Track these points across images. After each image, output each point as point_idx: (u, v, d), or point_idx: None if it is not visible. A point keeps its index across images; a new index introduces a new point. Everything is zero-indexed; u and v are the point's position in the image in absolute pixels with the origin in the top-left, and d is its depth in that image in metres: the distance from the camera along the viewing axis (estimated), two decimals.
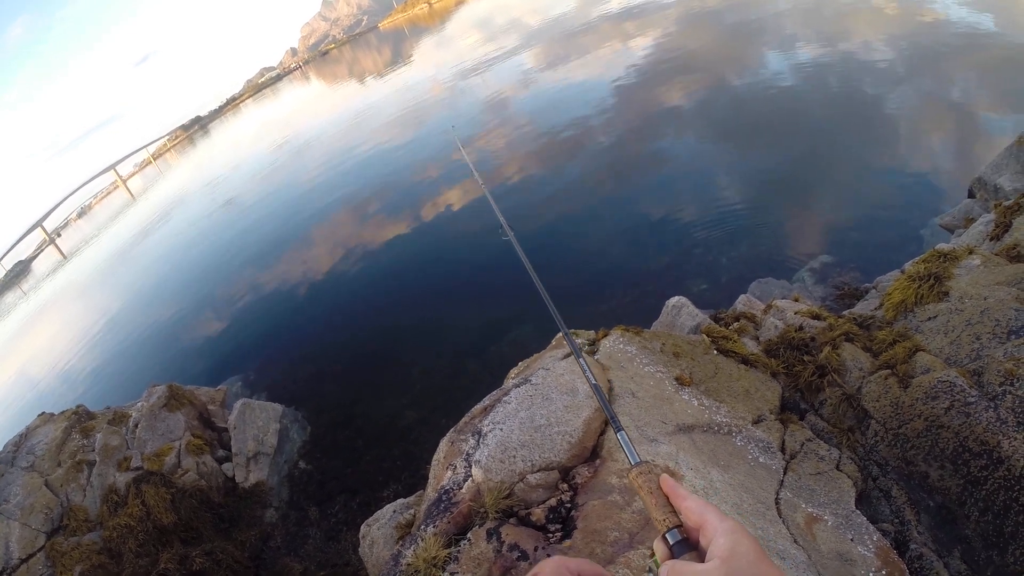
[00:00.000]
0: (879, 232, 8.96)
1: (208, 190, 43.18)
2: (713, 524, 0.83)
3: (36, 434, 10.67)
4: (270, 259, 20.24)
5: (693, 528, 0.88)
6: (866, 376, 4.62)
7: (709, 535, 0.83)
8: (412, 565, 2.77)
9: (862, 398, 4.52)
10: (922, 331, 4.74)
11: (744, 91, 15.31)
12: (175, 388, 10.30)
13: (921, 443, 4.00)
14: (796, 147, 11.79)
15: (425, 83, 37.17)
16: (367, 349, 12.10)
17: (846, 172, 10.53)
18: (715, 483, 3.15)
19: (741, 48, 18.68)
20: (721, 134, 13.79)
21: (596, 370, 3.64)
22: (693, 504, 0.88)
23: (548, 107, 20.14)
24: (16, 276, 78.70)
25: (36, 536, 8.79)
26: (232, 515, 8.84)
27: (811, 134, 11.96)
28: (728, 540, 0.80)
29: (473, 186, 17.06)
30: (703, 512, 0.86)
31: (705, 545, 0.83)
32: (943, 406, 3.93)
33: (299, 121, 54.03)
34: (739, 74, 16.53)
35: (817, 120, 12.34)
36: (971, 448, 3.73)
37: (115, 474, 9.38)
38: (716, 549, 0.80)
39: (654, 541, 0.92)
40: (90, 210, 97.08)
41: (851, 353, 4.90)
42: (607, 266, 10.98)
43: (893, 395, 4.30)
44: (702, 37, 21.58)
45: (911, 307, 5.01)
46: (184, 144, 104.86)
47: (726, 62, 17.83)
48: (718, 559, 0.78)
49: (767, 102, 13.99)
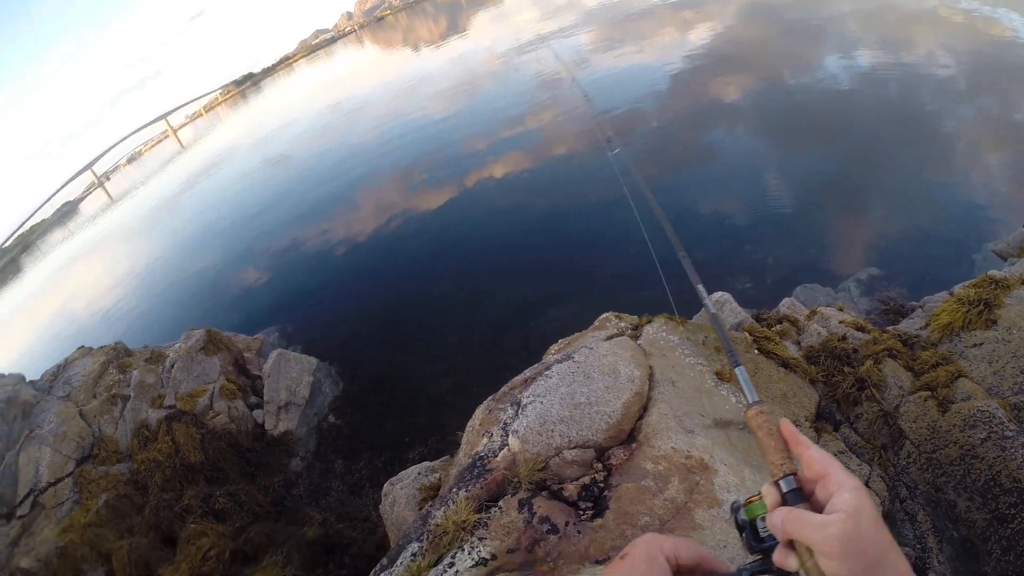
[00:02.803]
0: (929, 251, 8.71)
1: (258, 145, 43.73)
2: (838, 478, 0.80)
3: (74, 366, 11.02)
4: (315, 217, 20.45)
5: (809, 479, 0.85)
6: (905, 395, 4.55)
7: (830, 489, 0.80)
8: (441, 526, 2.80)
9: (899, 417, 4.45)
10: (966, 357, 4.64)
11: (800, 90, 14.90)
12: (213, 333, 10.57)
13: (953, 471, 3.95)
14: (850, 153, 11.45)
15: (479, 56, 36.95)
16: (405, 313, 12.22)
17: (900, 185, 10.20)
18: (747, 482, 3.13)
19: (800, 46, 18.13)
20: (775, 132, 13.47)
21: (638, 355, 3.64)
22: (816, 454, 0.85)
23: (602, 89, 19.87)
24: (64, 215, 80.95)
25: (66, 462, 9.11)
26: (258, 460, 9.08)
27: (866, 141, 11.59)
28: (854, 497, 0.77)
29: (522, 161, 17.03)
30: (827, 464, 0.83)
31: (823, 498, 0.81)
32: (980, 436, 3.87)
33: (352, 84, 54.15)
34: (796, 72, 16.07)
35: (873, 127, 11.94)
36: (1002, 483, 3.67)
37: (148, 410, 9.69)
38: (840, 503, 0.77)
39: (763, 486, 0.90)
40: (140, 157, 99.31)
41: (892, 370, 4.82)
42: (650, 253, 10.82)
43: (931, 418, 4.24)
44: (761, 31, 21.03)
45: (957, 331, 4.88)
46: (236, 99, 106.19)
47: (784, 59, 17.34)
48: (843, 513, 0.75)
49: (823, 103, 13.59)
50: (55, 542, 8.07)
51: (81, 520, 8.23)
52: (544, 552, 2.56)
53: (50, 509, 8.68)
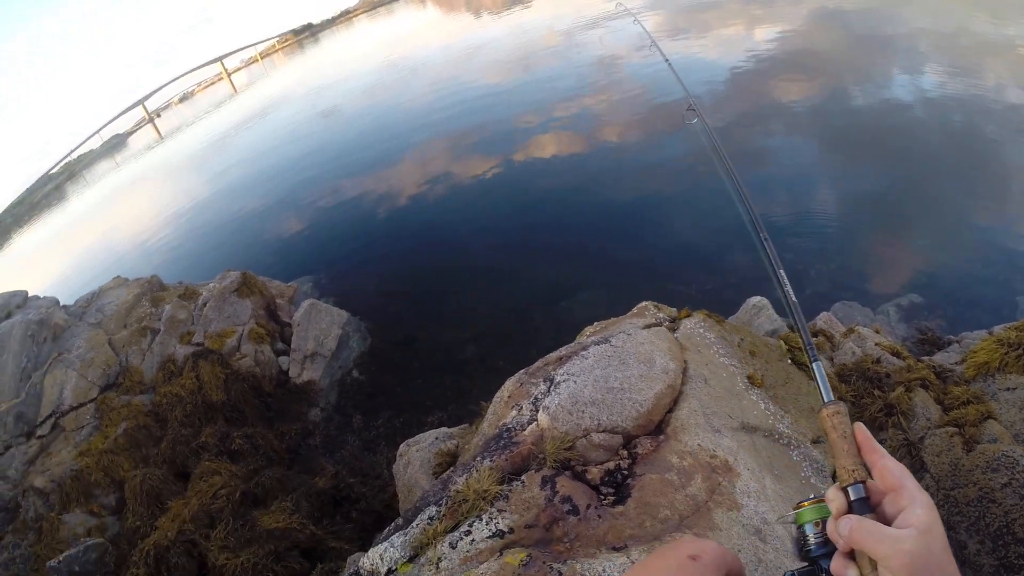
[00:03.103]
0: (973, 287, 8.46)
1: (310, 96, 43.75)
2: (911, 492, 0.78)
3: (108, 295, 11.19)
4: (359, 173, 20.45)
5: (878, 489, 0.82)
6: (932, 428, 4.51)
7: (902, 502, 0.78)
8: (461, 492, 2.82)
9: (923, 449, 4.41)
10: (998, 399, 4.58)
11: (860, 104, 14.43)
12: (249, 276, 10.68)
13: (969, 512, 3.92)
14: (904, 175, 11.10)
15: (541, 30, 36.44)
16: (438, 278, 12.26)
17: (951, 215, 9.89)
18: (767, 489, 3.12)
19: (865, 59, 17.53)
20: (830, 142, 13.10)
21: (675, 347, 3.62)
22: (892, 465, 0.82)
23: (661, 77, 19.53)
24: (112, 148, 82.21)
25: (90, 388, 9.31)
26: (278, 406, 9.22)
27: (921, 165, 11.20)
28: (927, 514, 0.74)
29: (570, 141, 16.88)
30: (902, 477, 0.80)
31: (891, 511, 0.79)
32: (1001, 481, 3.84)
33: (410, 44, 53.73)
34: (858, 85, 15.55)
35: (931, 153, 11.54)
36: (1015, 532, 3.65)
37: (176, 345, 9.87)
38: (912, 519, 0.74)
39: (828, 489, 0.87)
40: (192, 96, 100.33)
41: (923, 400, 4.77)
42: (691, 247, 10.79)
43: (955, 455, 4.21)
44: (828, 38, 20.35)
45: (993, 372, 4.82)
46: (293, 48, 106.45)
47: (847, 70, 16.80)
48: (916, 529, 0.73)
49: (882, 120, 13.14)
50: (71, 464, 8.22)
51: (99, 446, 8.41)
52: (562, 532, 2.57)
53: (70, 432, 8.89)
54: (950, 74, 14.95)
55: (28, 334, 9.79)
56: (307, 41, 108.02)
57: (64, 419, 9.05)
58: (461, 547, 2.55)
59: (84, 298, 11.40)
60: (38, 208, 61.59)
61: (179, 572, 6.19)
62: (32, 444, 8.77)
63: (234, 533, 6.39)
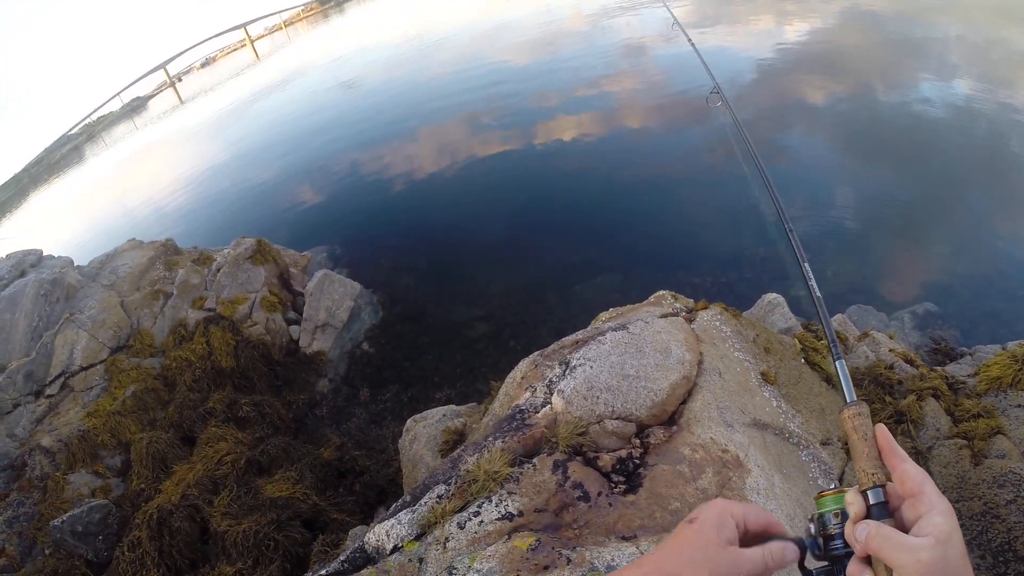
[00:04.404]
0: (990, 301, 8.37)
1: (331, 67, 43.52)
2: (931, 499, 0.76)
3: (122, 257, 11.20)
4: (376, 146, 20.35)
5: (897, 495, 0.81)
6: (941, 439, 4.52)
7: (921, 509, 0.76)
8: (471, 472, 2.80)
9: (931, 459, 4.41)
10: (1008, 415, 4.58)
11: (885, 108, 14.19)
12: (263, 244, 10.67)
13: (972, 526, 3.92)
14: (926, 183, 10.95)
15: (566, 12, 36.05)
16: (452, 255, 12.25)
17: (971, 226, 9.77)
18: (776, 488, 3.12)
19: (895, 62, 17.26)
20: (851, 146, 12.92)
21: (691, 339, 3.61)
22: (912, 470, 0.80)
23: (684, 65, 19.28)
24: (132, 110, 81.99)
25: (101, 349, 9.35)
26: (287, 375, 9.28)
27: (944, 174, 11.04)
28: (946, 522, 0.72)
29: (590, 123, 16.73)
30: (923, 482, 0.78)
31: (910, 518, 0.77)
32: (1006, 497, 3.85)
33: (434, 19, 53.32)
34: (885, 88, 15.34)
35: (955, 163, 11.38)
36: (1016, 549, 3.66)
37: (188, 310, 9.89)
38: (931, 527, 0.72)
39: (847, 492, 0.86)
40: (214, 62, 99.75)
41: (933, 410, 4.76)
42: (707, 240, 10.72)
43: (962, 467, 4.22)
44: (859, 39, 20.02)
45: (1005, 387, 4.81)
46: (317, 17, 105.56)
47: (875, 72, 16.55)
48: (933, 538, 0.71)
49: (906, 126, 12.95)
50: (78, 424, 8.30)
51: (107, 407, 8.48)
52: (572, 518, 2.56)
53: (78, 392, 8.96)
54: (979, 85, 14.72)
55: (41, 293, 9.87)
56: (332, 11, 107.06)
57: (73, 379, 9.12)
58: (469, 528, 2.54)
59: (98, 259, 11.45)
60: (56, 168, 61.75)
61: (181, 536, 6.26)
62: (40, 403, 8.85)
63: (237, 500, 6.47)
